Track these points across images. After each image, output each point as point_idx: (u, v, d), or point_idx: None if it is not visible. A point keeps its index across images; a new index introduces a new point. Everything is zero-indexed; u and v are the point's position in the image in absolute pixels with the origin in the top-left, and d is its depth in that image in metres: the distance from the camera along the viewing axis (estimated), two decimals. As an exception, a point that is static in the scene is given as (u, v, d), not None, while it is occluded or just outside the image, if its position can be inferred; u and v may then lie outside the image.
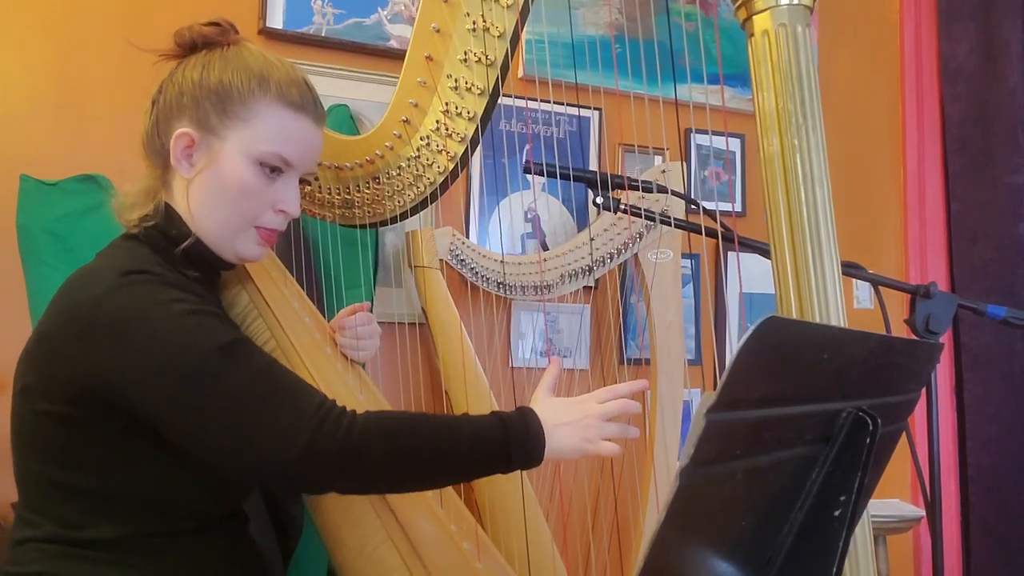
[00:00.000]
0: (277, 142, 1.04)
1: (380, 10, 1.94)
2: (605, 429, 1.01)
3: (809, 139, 0.90)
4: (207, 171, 1.04)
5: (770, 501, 0.59)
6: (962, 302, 1.22)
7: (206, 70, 1.05)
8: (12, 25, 1.68)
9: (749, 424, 0.52)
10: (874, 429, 0.60)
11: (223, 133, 1.03)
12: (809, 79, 0.91)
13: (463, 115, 1.20)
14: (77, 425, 0.95)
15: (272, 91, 1.04)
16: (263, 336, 1.19)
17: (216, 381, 0.90)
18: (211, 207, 1.05)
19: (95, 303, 0.93)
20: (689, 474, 0.48)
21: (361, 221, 1.36)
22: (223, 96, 1.03)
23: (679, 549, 0.52)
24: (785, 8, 0.90)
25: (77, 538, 0.97)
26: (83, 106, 1.72)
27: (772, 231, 0.92)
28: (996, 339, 2.40)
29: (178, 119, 1.05)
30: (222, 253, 1.08)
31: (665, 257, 1.92)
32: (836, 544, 0.60)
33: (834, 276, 0.90)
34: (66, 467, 0.98)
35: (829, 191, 0.91)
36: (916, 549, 2.45)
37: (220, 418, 0.90)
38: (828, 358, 0.56)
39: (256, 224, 1.07)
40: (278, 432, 0.89)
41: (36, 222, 1.54)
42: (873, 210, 2.49)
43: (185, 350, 0.91)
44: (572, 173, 1.33)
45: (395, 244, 1.91)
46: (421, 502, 1.18)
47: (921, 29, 2.54)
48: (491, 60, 1.16)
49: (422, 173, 1.28)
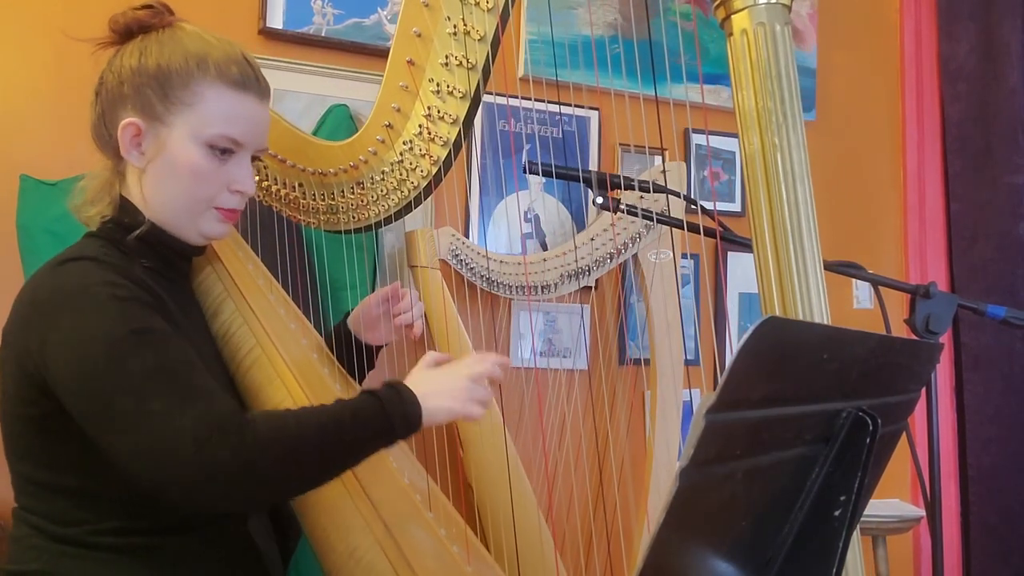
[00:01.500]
0: (224, 123, 1.04)
1: (380, 10, 1.94)
2: (475, 392, 1.04)
3: (790, 137, 0.90)
4: (158, 159, 1.04)
5: (770, 501, 0.59)
6: (962, 302, 1.22)
7: (143, 55, 1.05)
8: (12, 25, 1.68)
9: (749, 424, 0.52)
10: (874, 429, 0.60)
11: (168, 119, 1.03)
12: (788, 77, 0.91)
13: (445, 119, 1.21)
14: (48, 426, 0.96)
15: (212, 72, 1.04)
16: (247, 344, 1.19)
17: (119, 367, 0.89)
18: (166, 194, 1.05)
19: (32, 291, 0.96)
20: (689, 475, 0.48)
21: (346, 227, 1.36)
22: (163, 81, 1.03)
23: (679, 549, 0.52)
24: (763, 7, 0.90)
25: (72, 536, 0.98)
26: (83, 106, 1.70)
27: (754, 230, 0.93)
28: (996, 339, 2.39)
29: (122, 108, 1.05)
30: (186, 235, 1.08)
31: (665, 257, 1.93)
32: (836, 544, 0.60)
33: (817, 274, 0.90)
34: (47, 468, 0.99)
35: (810, 189, 0.91)
36: (916, 549, 2.44)
37: (116, 405, 0.88)
38: (828, 358, 0.56)
39: (214, 205, 1.07)
40: (169, 431, 0.87)
41: (36, 222, 1.54)
42: (873, 210, 2.49)
43: (97, 334, 0.90)
44: (572, 173, 1.34)
45: (395, 244, 1.91)
46: (409, 506, 1.18)
47: (921, 29, 2.54)
48: (472, 64, 1.16)
49: (406, 177, 1.28)
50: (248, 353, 1.18)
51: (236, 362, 1.18)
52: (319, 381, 1.23)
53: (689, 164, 2.21)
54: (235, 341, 1.19)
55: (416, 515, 1.17)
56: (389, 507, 1.14)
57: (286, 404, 1.16)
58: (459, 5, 1.14)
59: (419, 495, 1.21)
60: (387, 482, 1.18)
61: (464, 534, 1.21)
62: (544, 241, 2.07)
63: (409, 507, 1.17)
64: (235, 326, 1.19)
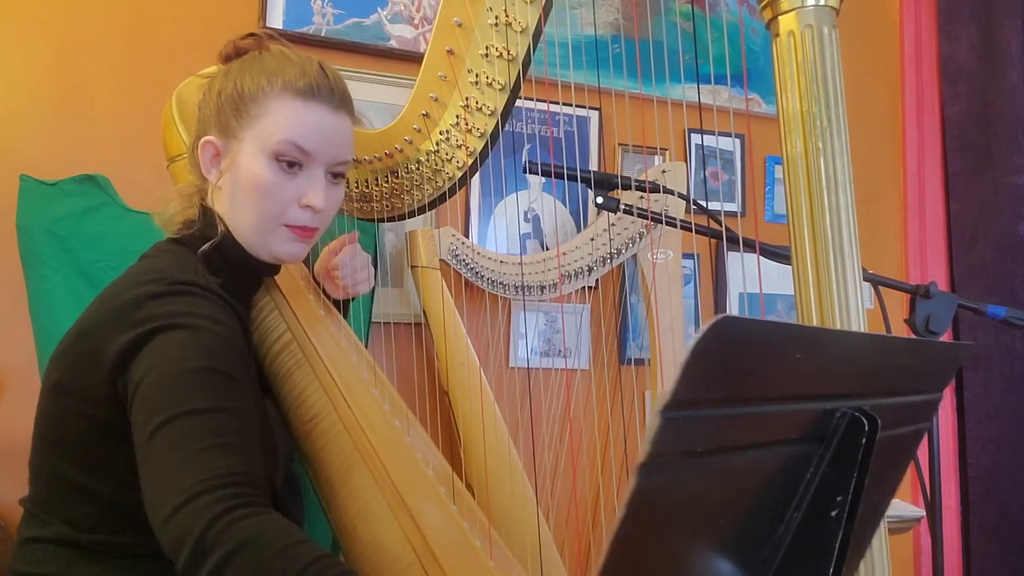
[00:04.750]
0: (288, 131, 1.03)
1: (380, 10, 1.94)
2: None
3: (833, 143, 0.89)
4: (229, 173, 1.05)
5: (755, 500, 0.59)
6: (962, 302, 1.22)
7: (227, 79, 1.07)
8: (12, 25, 1.68)
9: (712, 422, 0.51)
10: (872, 430, 0.60)
11: (240, 135, 1.04)
12: (835, 81, 0.90)
13: (483, 110, 1.20)
14: (107, 430, 0.94)
15: (279, 84, 1.04)
16: (278, 329, 1.18)
17: (185, 395, 0.86)
18: (237, 209, 1.06)
19: (137, 305, 0.93)
20: (647, 471, 0.48)
21: (379, 215, 1.36)
22: (238, 100, 1.05)
23: (645, 547, 0.51)
24: (811, 9, 0.89)
25: (87, 541, 0.97)
26: (83, 106, 1.72)
27: (794, 235, 0.91)
28: (996, 339, 2.40)
29: (207, 131, 1.07)
30: (257, 253, 1.08)
31: (665, 257, 1.92)
32: (833, 544, 0.60)
33: (856, 282, 0.88)
34: (89, 472, 0.97)
35: (852, 196, 0.90)
36: (916, 549, 2.44)
37: (163, 430, 0.84)
38: (801, 357, 0.55)
39: (284, 222, 1.06)
40: (168, 483, 0.81)
41: (36, 222, 1.54)
42: (873, 210, 2.49)
43: (184, 363, 0.88)
44: (572, 173, 1.34)
45: (395, 244, 1.91)
46: (435, 498, 1.16)
47: (921, 29, 2.54)
48: (512, 55, 1.15)
49: (441, 168, 1.27)
50: (279, 338, 1.18)
51: (266, 347, 1.17)
52: (346, 365, 1.22)
53: (689, 164, 2.21)
54: (266, 325, 1.18)
55: (441, 507, 1.14)
56: (414, 497, 1.11)
57: (314, 388, 1.14)
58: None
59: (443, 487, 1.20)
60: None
61: (487, 529, 1.18)
62: (544, 241, 2.07)
63: (434, 498, 1.14)
64: (266, 310, 1.18)
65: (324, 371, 1.18)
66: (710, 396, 0.50)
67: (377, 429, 1.16)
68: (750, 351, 0.51)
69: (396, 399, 1.30)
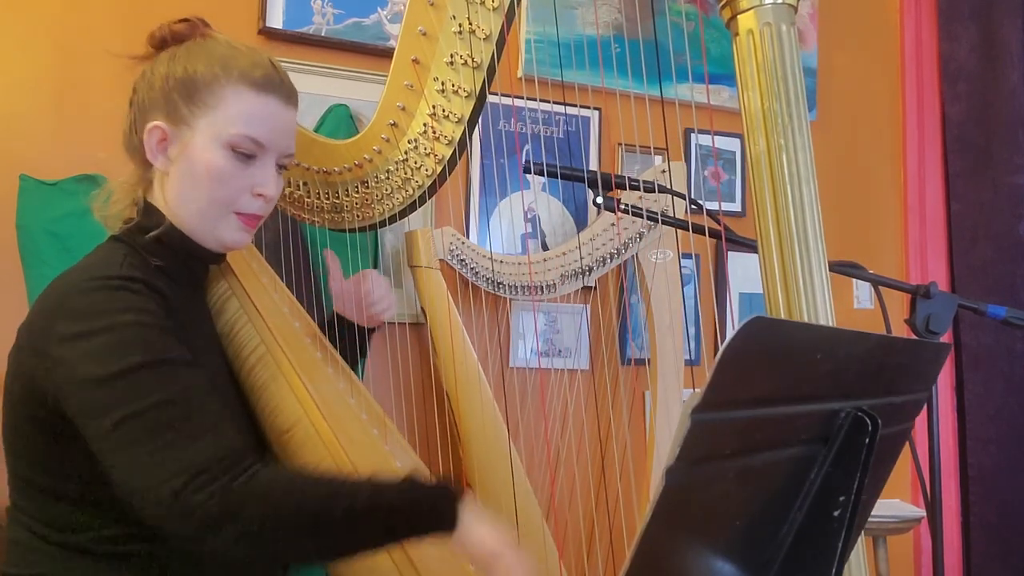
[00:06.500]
0: (244, 124, 1.04)
1: (380, 10, 1.94)
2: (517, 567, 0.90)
3: (795, 139, 0.90)
4: (180, 161, 1.04)
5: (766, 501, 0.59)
6: (962, 302, 1.22)
7: (172, 62, 1.06)
8: (12, 25, 1.68)
9: (738, 424, 0.51)
10: (874, 429, 0.60)
11: (193, 122, 1.04)
12: (795, 78, 0.90)
13: (450, 118, 1.21)
14: (57, 432, 0.94)
15: (235, 74, 1.04)
16: (252, 342, 1.18)
17: (126, 397, 0.88)
18: (187, 196, 1.05)
19: (59, 298, 0.95)
20: (676, 474, 0.48)
21: (351, 225, 1.36)
22: (189, 85, 1.04)
23: (668, 548, 0.51)
24: (770, 7, 0.90)
25: (73, 541, 0.97)
26: (83, 106, 1.72)
27: (760, 231, 0.92)
28: (996, 339, 2.40)
29: (151, 115, 1.06)
30: (204, 242, 1.08)
31: (665, 257, 1.92)
32: (835, 544, 0.60)
33: (822, 276, 0.90)
34: (50, 474, 0.98)
35: (816, 191, 0.91)
36: (916, 549, 2.44)
37: (114, 434, 0.88)
38: (821, 358, 0.55)
39: (235, 210, 1.07)
40: (153, 471, 0.86)
41: (36, 222, 1.54)
42: (873, 210, 2.49)
43: (111, 366, 0.89)
44: (572, 173, 1.33)
45: (395, 244, 1.91)
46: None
47: (921, 29, 2.54)
48: (477, 62, 1.16)
49: (410, 176, 1.28)
50: (252, 352, 1.18)
51: (240, 360, 1.18)
52: (321, 376, 1.23)
53: (689, 164, 2.21)
54: (239, 340, 1.19)
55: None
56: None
57: (289, 401, 1.15)
58: (464, 4, 1.14)
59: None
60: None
61: None
62: (544, 241, 2.07)
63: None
64: (239, 324, 1.19)
65: (295, 377, 1.18)
66: (740, 397, 0.50)
67: (354, 438, 1.16)
68: (778, 351, 0.52)
69: (374, 406, 1.30)
